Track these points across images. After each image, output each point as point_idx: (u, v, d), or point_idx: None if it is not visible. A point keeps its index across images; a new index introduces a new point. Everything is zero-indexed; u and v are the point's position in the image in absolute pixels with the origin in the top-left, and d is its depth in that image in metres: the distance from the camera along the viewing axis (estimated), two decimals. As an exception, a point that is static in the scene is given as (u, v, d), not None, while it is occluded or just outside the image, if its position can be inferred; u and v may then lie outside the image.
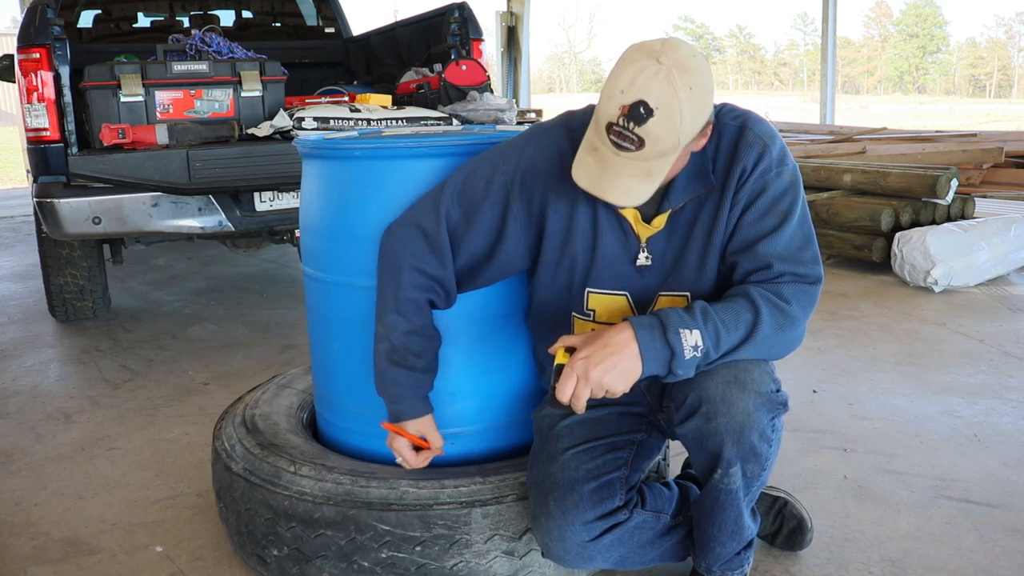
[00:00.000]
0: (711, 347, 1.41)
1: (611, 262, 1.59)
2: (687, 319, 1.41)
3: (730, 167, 1.50)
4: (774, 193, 1.50)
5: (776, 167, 1.50)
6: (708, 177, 1.50)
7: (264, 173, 3.34)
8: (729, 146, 1.51)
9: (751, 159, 1.49)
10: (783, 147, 1.53)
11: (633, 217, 1.55)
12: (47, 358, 3.56)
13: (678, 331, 1.39)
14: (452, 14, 4.04)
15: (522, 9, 11.94)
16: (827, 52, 12.05)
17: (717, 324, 1.41)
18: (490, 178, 1.58)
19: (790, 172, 1.52)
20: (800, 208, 1.52)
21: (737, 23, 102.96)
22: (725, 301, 1.46)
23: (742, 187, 1.50)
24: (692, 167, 1.50)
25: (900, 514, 2.07)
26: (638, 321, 1.41)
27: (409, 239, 1.61)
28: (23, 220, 7.68)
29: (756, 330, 1.43)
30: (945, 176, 4.62)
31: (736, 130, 1.52)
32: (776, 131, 1.54)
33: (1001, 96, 55.83)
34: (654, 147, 1.32)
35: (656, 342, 1.39)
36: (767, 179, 1.49)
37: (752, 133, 1.51)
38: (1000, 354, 3.24)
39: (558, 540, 1.55)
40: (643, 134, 1.31)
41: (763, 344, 1.45)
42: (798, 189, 1.52)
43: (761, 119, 1.55)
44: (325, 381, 1.96)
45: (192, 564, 1.93)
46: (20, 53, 3.24)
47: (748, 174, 1.49)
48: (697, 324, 1.40)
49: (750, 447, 1.47)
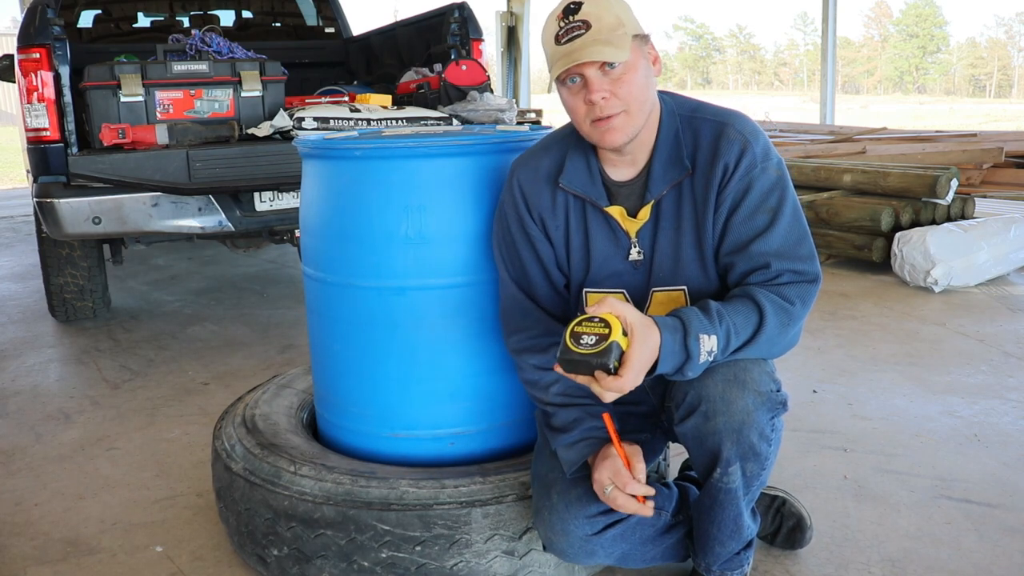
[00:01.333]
0: (720, 350, 1.42)
1: (605, 261, 1.60)
2: (706, 323, 1.40)
3: (712, 164, 1.50)
4: (761, 190, 1.50)
5: (761, 163, 1.50)
6: (683, 163, 1.53)
7: (264, 173, 3.34)
8: (710, 142, 1.52)
9: (732, 156, 1.49)
10: (767, 143, 1.52)
11: (619, 214, 1.57)
12: (47, 358, 3.56)
13: (698, 336, 1.38)
14: (452, 14, 4.04)
15: (522, 9, 11.94)
16: (827, 52, 12.05)
17: (730, 327, 1.42)
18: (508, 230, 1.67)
19: (775, 167, 1.51)
20: (790, 204, 1.51)
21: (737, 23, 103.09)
22: (733, 303, 1.45)
23: (726, 185, 1.50)
24: (667, 155, 1.53)
25: (900, 514, 2.07)
26: (663, 322, 1.39)
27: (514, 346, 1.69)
28: (23, 220, 7.68)
29: (760, 332, 1.44)
30: (945, 176, 4.62)
31: (716, 126, 1.53)
32: (760, 128, 1.54)
33: (1001, 96, 55.83)
34: (600, 23, 1.42)
35: (676, 345, 1.38)
36: (752, 176, 1.49)
37: (733, 129, 1.51)
38: (1000, 354, 3.24)
39: (561, 533, 1.55)
40: (584, 17, 1.42)
41: (765, 345, 1.45)
42: (786, 184, 1.52)
43: (743, 116, 1.56)
44: (325, 381, 1.96)
45: (192, 564, 1.93)
46: (20, 53, 3.24)
47: (731, 172, 1.49)
48: (715, 328, 1.40)
49: (749, 446, 1.47)
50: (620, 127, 1.48)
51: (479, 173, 1.78)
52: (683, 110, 1.57)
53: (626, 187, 1.58)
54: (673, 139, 1.54)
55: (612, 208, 1.57)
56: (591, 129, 1.50)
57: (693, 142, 1.53)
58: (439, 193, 1.76)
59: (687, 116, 1.56)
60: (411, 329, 1.79)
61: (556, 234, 1.63)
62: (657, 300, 1.58)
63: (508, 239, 1.67)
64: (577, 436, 1.56)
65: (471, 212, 1.77)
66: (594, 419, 1.56)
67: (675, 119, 1.56)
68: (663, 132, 1.55)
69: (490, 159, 1.79)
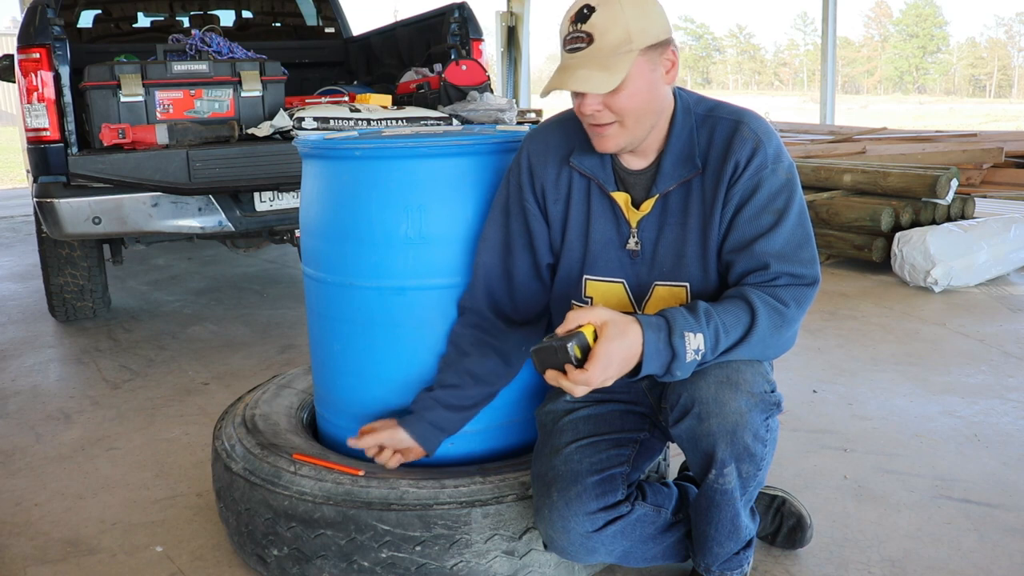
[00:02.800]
0: (709, 350, 1.42)
1: (604, 247, 1.61)
2: (692, 322, 1.40)
3: (723, 161, 1.51)
4: (770, 190, 1.50)
5: (772, 164, 1.50)
6: (694, 161, 1.53)
7: (264, 173, 3.34)
8: (723, 140, 1.52)
9: (744, 154, 1.50)
10: (779, 145, 1.53)
11: (624, 201, 1.58)
12: (47, 358, 3.56)
13: (683, 334, 1.39)
14: (452, 14, 4.04)
15: (522, 9, 11.94)
16: (827, 52, 12.05)
17: (718, 326, 1.42)
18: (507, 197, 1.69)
19: (785, 170, 1.52)
20: (797, 207, 1.52)
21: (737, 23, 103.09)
22: (723, 303, 1.46)
23: (736, 183, 1.50)
24: (679, 151, 1.54)
25: (900, 514, 2.07)
26: (646, 320, 1.40)
27: None
28: (23, 220, 7.68)
29: (752, 332, 1.44)
30: (945, 176, 4.62)
31: (731, 124, 1.53)
32: (773, 129, 1.55)
33: (1001, 96, 55.84)
34: (603, 40, 1.40)
35: (660, 343, 1.39)
36: (762, 176, 1.50)
37: (748, 128, 1.52)
38: (1000, 354, 3.24)
39: (561, 531, 1.55)
40: (590, 29, 1.41)
41: (757, 346, 1.46)
42: (794, 187, 1.52)
43: (758, 116, 1.56)
44: (325, 381, 1.96)
45: (192, 564, 1.93)
46: (20, 53, 3.24)
47: (742, 170, 1.50)
48: (701, 327, 1.40)
49: (744, 447, 1.47)
50: (613, 136, 1.49)
51: (479, 173, 1.78)
52: (699, 108, 1.57)
53: (636, 176, 1.59)
54: (687, 137, 1.54)
55: (618, 194, 1.58)
56: (589, 131, 1.53)
57: (707, 140, 1.54)
58: (439, 193, 1.76)
59: (703, 115, 1.56)
60: (411, 329, 1.79)
61: (554, 208, 1.64)
62: (658, 295, 1.58)
63: (504, 206, 1.69)
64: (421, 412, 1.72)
65: (471, 212, 1.77)
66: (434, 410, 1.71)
67: (690, 117, 1.56)
68: (676, 129, 1.55)
69: (490, 159, 1.79)
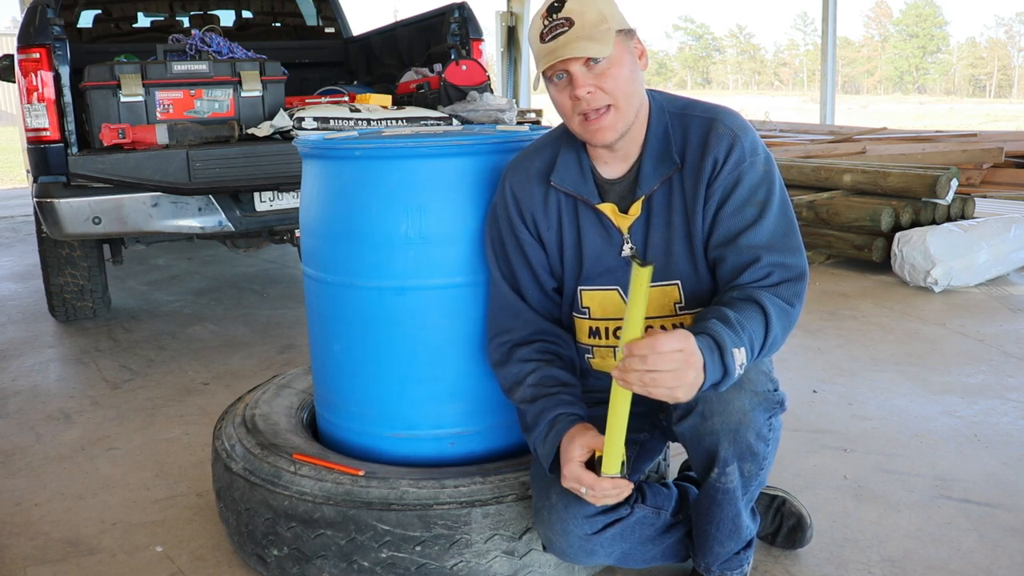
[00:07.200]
0: (748, 361, 1.39)
1: (598, 258, 1.61)
2: (734, 337, 1.37)
3: (702, 158, 1.52)
4: (750, 183, 1.51)
5: (750, 157, 1.52)
6: (672, 158, 1.54)
7: (264, 173, 3.34)
8: (699, 138, 1.54)
9: (722, 151, 1.51)
10: (755, 138, 1.54)
11: (611, 211, 1.59)
12: (47, 358, 3.56)
13: (731, 351, 1.35)
14: (452, 14, 4.04)
15: (522, 9, 11.93)
16: (827, 52, 12.05)
17: (752, 336, 1.40)
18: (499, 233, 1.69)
19: (763, 162, 1.53)
20: (778, 197, 1.53)
21: (737, 23, 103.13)
22: (744, 310, 1.42)
23: (715, 179, 1.51)
24: (657, 150, 1.55)
25: (900, 514, 2.07)
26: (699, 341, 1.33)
27: None
28: (23, 220, 7.68)
29: (768, 337, 1.43)
30: (945, 176, 4.62)
31: (705, 122, 1.55)
32: (748, 124, 1.57)
33: (1001, 96, 55.84)
34: (583, 19, 1.44)
35: (714, 365, 1.33)
36: (741, 170, 1.51)
37: (722, 125, 1.53)
38: (1000, 354, 3.24)
39: (560, 533, 1.55)
40: (568, 14, 1.45)
41: (769, 349, 1.47)
42: (774, 178, 1.53)
43: (732, 112, 1.57)
44: (325, 381, 1.96)
45: (192, 564, 1.93)
46: (20, 53, 3.24)
47: (721, 166, 1.51)
48: (742, 340, 1.37)
49: (747, 446, 1.47)
50: (610, 124, 1.50)
51: (479, 173, 1.78)
52: (672, 107, 1.59)
53: (617, 184, 1.60)
54: (663, 135, 1.56)
55: (604, 205, 1.59)
56: (581, 128, 1.52)
57: (683, 138, 1.55)
58: (439, 193, 1.76)
59: (676, 113, 1.58)
60: (411, 329, 1.79)
61: (548, 234, 1.64)
62: (651, 295, 1.58)
63: (499, 243, 1.69)
64: (544, 428, 1.55)
65: (471, 212, 1.77)
66: (560, 406, 1.55)
67: (664, 115, 1.58)
68: (652, 128, 1.57)
69: (490, 159, 1.79)
